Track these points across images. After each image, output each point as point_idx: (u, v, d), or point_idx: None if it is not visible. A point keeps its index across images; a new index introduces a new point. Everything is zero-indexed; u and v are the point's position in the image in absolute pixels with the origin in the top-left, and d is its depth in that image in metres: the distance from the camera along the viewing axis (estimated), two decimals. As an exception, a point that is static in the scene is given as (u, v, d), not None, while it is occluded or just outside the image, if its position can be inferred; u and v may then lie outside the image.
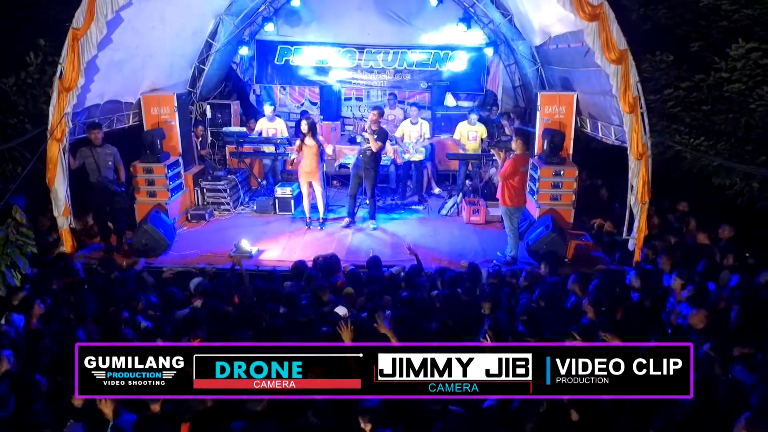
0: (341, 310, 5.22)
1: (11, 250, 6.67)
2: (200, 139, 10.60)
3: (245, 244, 7.71)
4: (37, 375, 4.53)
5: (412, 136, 9.90)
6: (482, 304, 5.57)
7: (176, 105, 9.02)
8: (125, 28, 7.48)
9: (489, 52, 11.46)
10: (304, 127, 8.44)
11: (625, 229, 7.34)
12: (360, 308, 5.59)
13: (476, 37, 11.60)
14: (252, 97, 12.97)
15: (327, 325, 4.88)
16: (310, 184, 8.63)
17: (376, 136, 8.39)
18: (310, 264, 6.73)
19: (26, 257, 6.75)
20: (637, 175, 6.86)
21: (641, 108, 6.75)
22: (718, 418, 3.93)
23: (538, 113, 8.79)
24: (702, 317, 5.01)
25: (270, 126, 10.26)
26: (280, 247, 8.16)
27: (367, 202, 8.97)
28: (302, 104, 12.92)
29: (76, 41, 6.68)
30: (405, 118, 10.54)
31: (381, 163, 10.03)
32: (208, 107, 11.19)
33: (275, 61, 12.67)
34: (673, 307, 5.66)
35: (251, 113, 12.30)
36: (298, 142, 8.48)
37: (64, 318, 5.51)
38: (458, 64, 12.09)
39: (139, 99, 9.05)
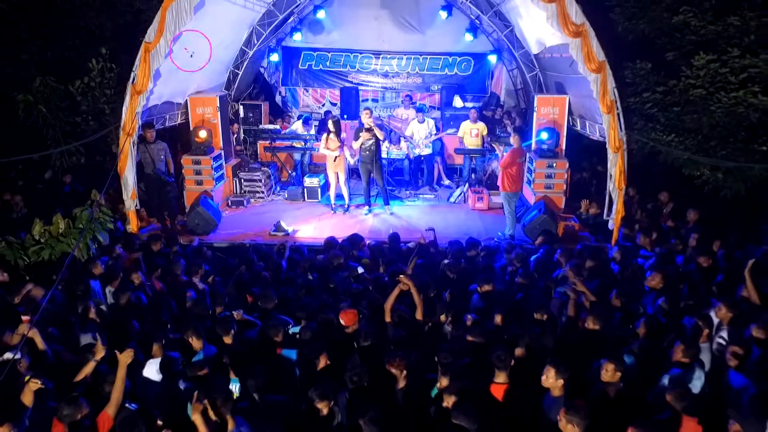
0: None
1: (95, 226, 8.10)
2: (235, 135, 11.92)
3: (283, 225, 9.04)
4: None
5: (421, 133, 11.19)
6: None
7: (219, 105, 10.35)
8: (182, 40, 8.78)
9: (493, 58, 12.71)
10: (331, 125, 9.72)
11: (605, 211, 8.60)
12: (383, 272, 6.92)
13: (482, 44, 12.86)
14: (278, 98, 14.30)
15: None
16: (337, 175, 9.94)
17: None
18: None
19: (106, 232, 8.16)
20: (615, 165, 8.11)
21: (617, 109, 7.99)
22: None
23: (534, 113, 10.03)
24: (659, 279, 6.26)
25: (303, 129, 11.57)
26: (311, 227, 9.49)
27: (377, 191, 10.18)
28: (323, 104, 14.21)
29: (147, 53, 7.97)
30: (415, 118, 11.82)
31: (395, 158, 11.38)
32: (241, 107, 12.53)
33: (299, 66, 13.98)
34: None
35: (277, 113, 13.62)
36: (324, 135, 9.74)
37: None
38: (465, 69, 13.38)
39: (187, 100, 10.38)
